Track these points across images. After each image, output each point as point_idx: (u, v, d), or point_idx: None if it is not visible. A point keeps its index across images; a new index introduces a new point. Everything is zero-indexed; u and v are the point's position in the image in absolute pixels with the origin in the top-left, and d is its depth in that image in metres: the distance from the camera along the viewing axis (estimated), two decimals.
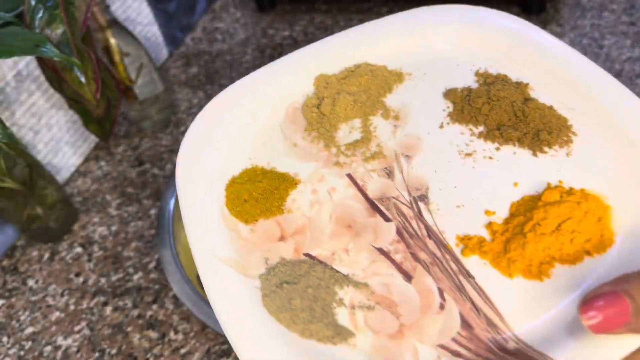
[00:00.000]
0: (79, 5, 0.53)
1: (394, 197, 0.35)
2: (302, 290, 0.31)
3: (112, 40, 0.67)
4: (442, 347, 0.29)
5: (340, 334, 0.30)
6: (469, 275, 0.31)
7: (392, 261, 0.32)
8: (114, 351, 0.53)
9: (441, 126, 0.39)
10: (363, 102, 0.41)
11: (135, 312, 0.56)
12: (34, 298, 0.59)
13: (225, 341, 0.52)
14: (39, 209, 0.61)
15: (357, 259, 0.33)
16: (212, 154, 0.38)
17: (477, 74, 0.42)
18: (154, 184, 0.70)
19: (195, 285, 0.47)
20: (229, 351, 0.51)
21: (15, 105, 0.64)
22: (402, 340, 0.29)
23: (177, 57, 0.92)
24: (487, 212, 0.34)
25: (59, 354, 0.54)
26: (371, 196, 0.35)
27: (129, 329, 0.54)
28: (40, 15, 0.52)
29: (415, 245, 0.33)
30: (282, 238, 0.35)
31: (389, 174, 0.37)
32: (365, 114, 0.40)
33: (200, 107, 0.80)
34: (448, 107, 0.40)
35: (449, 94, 0.41)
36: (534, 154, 0.36)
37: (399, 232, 0.33)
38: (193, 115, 0.79)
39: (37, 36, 0.49)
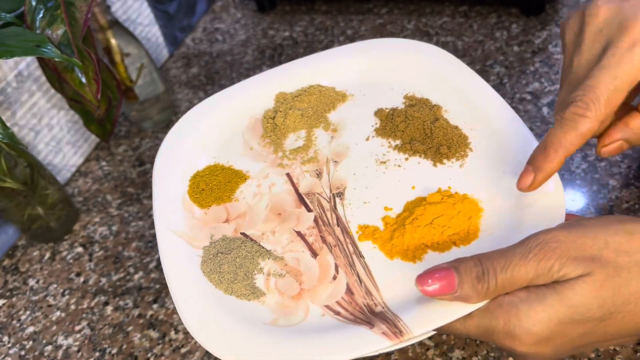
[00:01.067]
0: (79, 6, 0.53)
1: (318, 193, 0.44)
2: (231, 259, 0.40)
3: (113, 41, 0.67)
4: (327, 307, 0.37)
5: (255, 293, 0.38)
6: (360, 255, 0.39)
7: (305, 242, 0.41)
8: (114, 351, 0.53)
9: (367, 139, 0.47)
10: (309, 116, 0.49)
11: (135, 312, 0.56)
12: (34, 298, 0.60)
13: None
14: (40, 209, 0.61)
15: (280, 239, 0.42)
16: (184, 152, 0.47)
17: (405, 96, 0.50)
18: None
19: None
20: None
21: (16, 105, 0.64)
22: (299, 300, 0.38)
23: (178, 58, 0.92)
24: (385, 208, 0.42)
25: (60, 353, 0.54)
26: (301, 191, 0.44)
27: (130, 328, 0.55)
28: (41, 15, 0.52)
29: (325, 230, 0.41)
30: (226, 220, 0.43)
31: (319, 174, 0.45)
32: (310, 126, 0.49)
33: None
34: (376, 123, 0.49)
35: (378, 112, 0.49)
36: (434, 164, 0.44)
37: (315, 220, 0.42)
38: None
39: (38, 37, 0.49)
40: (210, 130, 0.49)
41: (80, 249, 0.64)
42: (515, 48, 0.77)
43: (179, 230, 0.42)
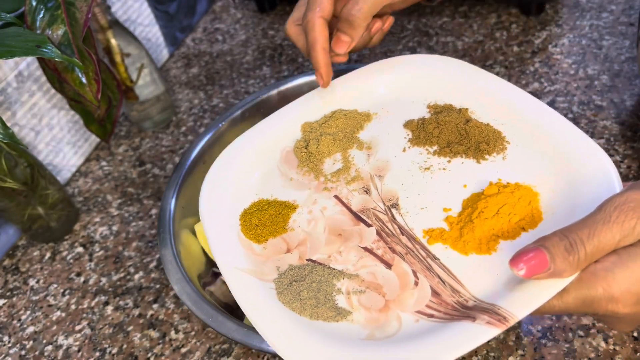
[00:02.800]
0: (80, 6, 0.53)
1: (372, 208, 0.44)
2: (307, 285, 0.39)
3: (113, 41, 0.67)
4: (419, 312, 0.37)
5: (341, 313, 0.38)
6: (434, 258, 0.39)
7: (375, 255, 0.41)
8: (114, 350, 0.53)
9: (404, 150, 0.48)
10: (341, 139, 0.50)
11: (136, 312, 0.56)
12: (35, 298, 0.60)
13: (226, 340, 0.52)
14: (40, 209, 0.61)
15: (348, 257, 0.42)
16: (226, 193, 0.48)
17: (428, 106, 0.51)
18: (154, 184, 0.70)
19: (196, 284, 0.47)
20: (229, 350, 0.51)
21: (16, 105, 0.64)
22: (388, 312, 0.38)
23: (178, 58, 0.92)
24: (444, 210, 0.42)
25: (60, 353, 0.54)
26: (354, 209, 0.45)
27: (130, 328, 0.55)
28: (41, 16, 0.53)
29: (391, 241, 0.42)
30: (288, 250, 0.43)
31: (367, 191, 0.46)
32: (343, 148, 0.50)
33: (201, 107, 0.80)
34: (408, 134, 0.49)
35: (408, 124, 0.50)
36: (478, 162, 0.45)
37: (378, 234, 0.42)
38: (194, 115, 0.79)
39: (39, 37, 0.49)
40: (245, 169, 0.50)
41: (80, 249, 0.64)
42: (515, 48, 0.77)
43: (244, 268, 0.42)
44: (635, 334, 0.46)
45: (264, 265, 0.42)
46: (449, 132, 0.47)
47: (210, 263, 0.54)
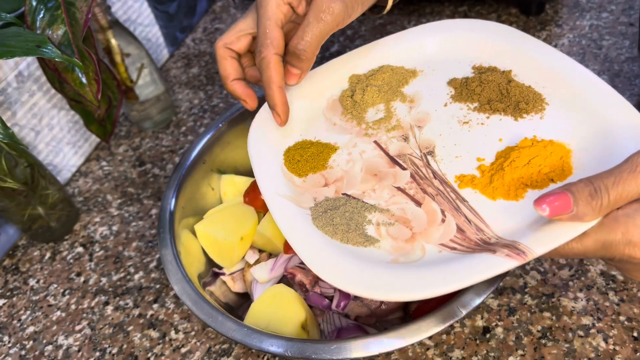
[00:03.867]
0: (80, 6, 0.53)
1: (409, 154, 0.46)
2: (341, 214, 0.43)
3: (113, 41, 0.67)
4: (443, 244, 0.39)
5: (369, 240, 0.41)
6: (463, 200, 0.42)
7: (407, 194, 0.44)
8: (114, 350, 0.53)
9: (445, 105, 0.50)
10: (385, 91, 0.52)
11: (136, 312, 0.56)
12: (35, 298, 0.60)
13: (226, 340, 0.52)
14: (40, 209, 0.61)
15: (381, 194, 0.44)
16: (273, 131, 0.51)
17: (473, 67, 0.52)
18: (154, 184, 0.70)
19: (196, 284, 0.47)
20: (229, 350, 0.51)
21: (16, 105, 0.64)
22: (414, 242, 0.40)
23: (178, 58, 0.92)
24: (478, 159, 0.44)
25: (60, 353, 0.54)
26: (392, 154, 0.47)
27: (130, 328, 0.55)
28: (41, 16, 0.53)
29: (424, 183, 0.44)
30: (325, 184, 0.47)
31: (405, 139, 0.48)
32: (387, 100, 0.52)
33: (201, 107, 0.80)
34: (450, 91, 0.51)
35: (451, 82, 0.52)
36: (515, 119, 0.46)
37: (412, 176, 0.45)
38: (194, 115, 0.79)
39: (39, 37, 0.49)
40: (293, 112, 0.51)
41: (80, 249, 0.64)
42: None
43: (284, 194, 0.45)
44: (635, 334, 0.46)
45: (302, 195, 0.46)
46: (491, 91, 0.49)
47: (210, 263, 0.54)
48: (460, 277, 0.35)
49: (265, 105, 0.52)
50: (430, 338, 0.47)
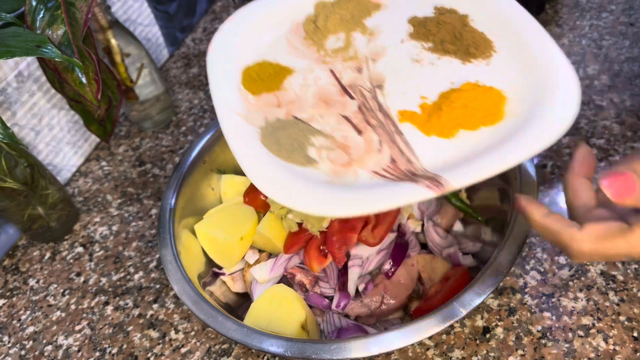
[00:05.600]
0: (80, 6, 0.53)
1: (359, 85, 0.48)
2: (287, 135, 0.45)
3: (113, 41, 0.67)
4: (375, 172, 0.42)
5: (310, 162, 0.43)
6: (400, 133, 0.44)
7: (351, 123, 0.46)
8: (114, 350, 0.53)
9: (402, 41, 0.51)
10: (348, 20, 0.54)
11: (136, 312, 0.56)
12: (35, 298, 0.60)
13: (226, 340, 0.52)
14: (40, 209, 0.61)
15: (328, 121, 0.46)
16: (233, 50, 0.52)
17: (435, 8, 0.54)
18: (154, 184, 0.70)
19: (196, 284, 0.47)
20: (229, 350, 0.51)
21: (16, 105, 0.64)
22: (349, 167, 0.43)
23: (178, 58, 0.92)
24: (422, 97, 0.46)
25: (60, 353, 0.54)
26: (344, 83, 0.49)
27: (130, 328, 0.55)
28: (41, 16, 0.53)
29: (368, 114, 0.46)
30: (278, 105, 0.48)
31: (359, 70, 0.50)
32: (348, 30, 0.53)
33: (201, 107, 0.80)
34: (409, 29, 0.52)
35: (412, 20, 0.53)
36: (463, 63, 0.48)
37: (359, 107, 0.47)
38: (194, 115, 0.79)
39: (39, 37, 0.49)
40: (255, 32, 0.53)
41: (80, 249, 0.64)
42: None
43: (237, 111, 0.47)
44: (635, 334, 0.46)
45: (254, 113, 0.47)
46: (446, 33, 0.51)
47: (210, 263, 0.54)
48: (384, 200, 0.39)
49: (229, 21, 0.53)
50: (430, 338, 0.47)
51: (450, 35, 0.51)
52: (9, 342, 0.56)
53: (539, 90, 0.45)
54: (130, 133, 0.78)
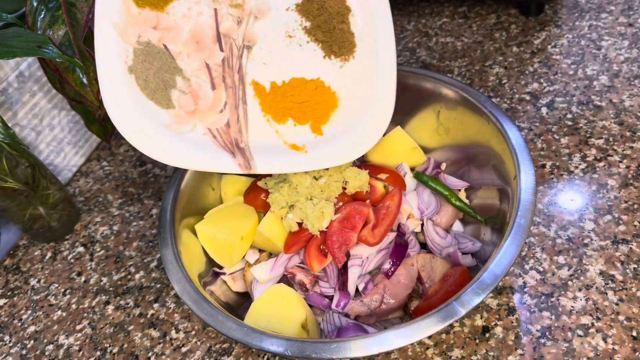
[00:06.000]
0: (80, 7, 0.54)
1: (233, 38, 0.50)
2: (156, 71, 0.48)
3: None
4: (209, 129, 0.48)
5: (168, 105, 0.48)
6: (245, 102, 0.49)
7: (210, 75, 0.49)
8: (115, 350, 0.53)
9: (287, 9, 0.51)
10: None
11: (136, 311, 0.56)
12: (36, 297, 0.60)
13: (226, 340, 0.52)
14: (41, 208, 0.61)
15: (192, 63, 0.49)
16: None
17: None
18: (155, 184, 0.70)
19: (197, 284, 0.48)
20: (229, 349, 0.51)
21: (17, 106, 0.64)
22: (191, 117, 0.48)
23: None
24: (276, 75, 0.50)
25: (61, 352, 0.54)
26: (221, 30, 0.50)
27: (131, 327, 0.55)
28: (42, 16, 0.53)
29: (227, 72, 0.49)
30: (155, 27, 0.49)
31: (239, 22, 0.51)
32: None
33: None
34: (299, 0, 0.52)
35: None
36: (324, 57, 0.51)
37: (223, 60, 0.49)
38: None
39: (39, 37, 0.49)
40: None
41: (81, 249, 0.64)
42: (515, 49, 0.77)
43: (115, 21, 0.48)
44: (634, 334, 0.46)
45: (131, 28, 0.48)
46: (323, 20, 0.51)
47: (211, 263, 0.54)
48: (202, 162, 0.45)
49: None
50: (429, 337, 0.48)
51: (326, 24, 0.51)
52: (10, 341, 0.56)
53: (362, 107, 0.50)
54: None
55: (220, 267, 0.54)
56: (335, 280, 0.50)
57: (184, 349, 0.52)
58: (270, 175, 0.54)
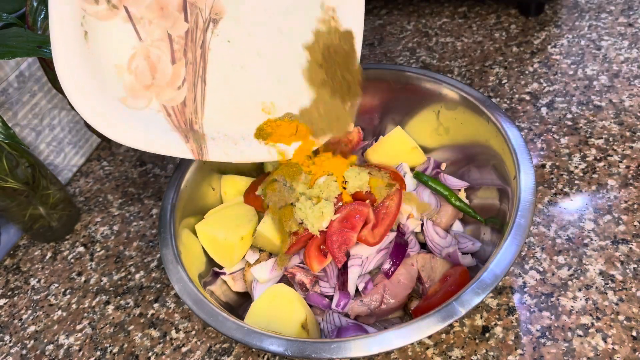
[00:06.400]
0: None
1: (200, 9, 0.47)
2: (109, 34, 0.44)
3: None
4: (164, 107, 0.45)
5: (120, 71, 0.44)
6: (204, 82, 0.47)
7: (171, 46, 0.46)
8: (115, 350, 0.53)
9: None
10: None
11: (136, 311, 0.56)
12: (36, 297, 0.60)
13: (226, 340, 0.52)
14: (41, 208, 0.61)
15: (153, 32, 0.45)
16: None
17: (339, 38, 0.53)
18: (155, 184, 0.70)
19: (197, 284, 0.48)
20: (229, 349, 0.51)
21: (17, 106, 0.64)
22: (146, 91, 0.45)
23: None
24: (243, 57, 0.48)
25: (61, 352, 0.54)
26: None
27: (131, 327, 0.55)
28: (42, 16, 0.53)
29: (190, 46, 0.47)
30: None
31: None
32: None
33: None
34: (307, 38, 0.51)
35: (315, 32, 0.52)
36: (308, 84, 0.51)
37: (186, 32, 0.46)
38: None
39: (40, 37, 0.49)
40: None
41: (81, 249, 0.64)
42: (514, 49, 0.77)
43: None
44: (634, 334, 0.46)
45: None
46: (333, 73, 0.51)
47: (211, 263, 0.54)
48: (153, 142, 0.43)
49: None
50: (429, 337, 0.48)
51: (332, 75, 0.51)
52: (10, 341, 0.56)
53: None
54: None
55: (220, 267, 0.54)
56: (335, 280, 0.50)
57: (184, 349, 0.52)
58: (269, 176, 0.54)
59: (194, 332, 0.53)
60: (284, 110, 0.52)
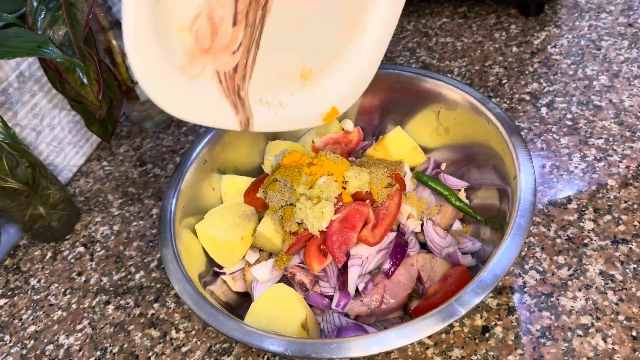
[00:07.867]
0: (81, 7, 0.54)
1: None
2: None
3: (114, 42, 0.67)
4: (218, 72, 0.46)
5: (183, 31, 0.43)
6: (258, 47, 0.47)
7: (236, 6, 0.44)
8: (115, 350, 0.53)
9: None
10: None
11: (137, 311, 0.56)
12: (36, 297, 0.60)
13: (226, 339, 0.52)
14: (41, 208, 0.61)
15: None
16: None
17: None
18: (155, 184, 0.70)
19: (197, 284, 0.48)
20: (229, 349, 0.51)
21: (17, 106, 0.64)
22: (204, 56, 0.45)
23: None
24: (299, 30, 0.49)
25: (61, 352, 0.54)
26: None
27: (131, 327, 0.55)
28: (42, 16, 0.53)
29: (252, 7, 0.45)
30: None
31: None
32: None
33: None
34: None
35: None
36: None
37: None
38: None
39: (40, 37, 0.49)
40: None
41: (81, 249, 0.64)
42: (514, 49, 0.77)
43: None
44: (634, 334, 0.46)
45: None
46: (377, 160, 0.55)
47: (211, 263, 0.54)
48: (201, 114, 0.44)
49: None
50: (429, 337, 0.48)
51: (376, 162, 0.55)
52: (10, 341, 0.56)
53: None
54: (131, 133, 0.79)
55: (220, 267, 0.54)
56: (335, 280, 0.50)
57: (184, 349, 0.52)
58: (270, 174, 0.54)
59: (194, 332, 0.53)
60: (320, 75, 0.53)
